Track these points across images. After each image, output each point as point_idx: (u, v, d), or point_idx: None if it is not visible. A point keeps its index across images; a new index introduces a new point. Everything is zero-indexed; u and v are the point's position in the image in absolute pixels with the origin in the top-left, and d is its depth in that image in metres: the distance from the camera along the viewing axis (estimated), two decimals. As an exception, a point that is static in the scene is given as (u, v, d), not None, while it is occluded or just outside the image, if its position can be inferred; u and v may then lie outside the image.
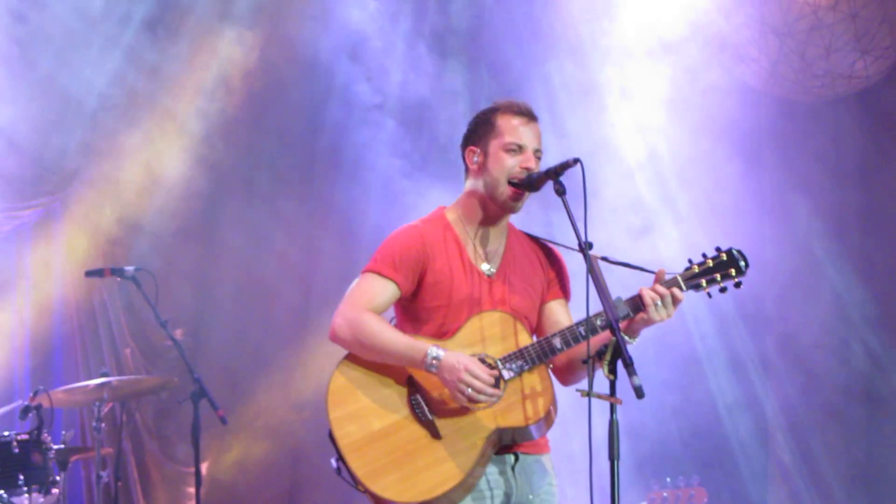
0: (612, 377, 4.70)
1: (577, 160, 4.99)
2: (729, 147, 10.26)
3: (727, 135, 10.26)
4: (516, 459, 5.11)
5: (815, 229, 10.33)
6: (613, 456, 4.63)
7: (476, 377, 4.91)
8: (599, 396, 4.65)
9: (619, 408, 4.69)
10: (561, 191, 4.99)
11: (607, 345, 4.72)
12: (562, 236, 5.34)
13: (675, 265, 5.10)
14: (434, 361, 4.95)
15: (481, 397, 4.91)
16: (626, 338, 4.93)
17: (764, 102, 10.39)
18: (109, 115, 9.96)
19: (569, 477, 8.33)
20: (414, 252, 5.15)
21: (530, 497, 5.13)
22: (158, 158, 10.04)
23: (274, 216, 10.30)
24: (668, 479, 8.95)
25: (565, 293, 5.38)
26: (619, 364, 4.69)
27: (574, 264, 5.34)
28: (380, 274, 5.13)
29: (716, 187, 10.29)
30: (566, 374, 5.25)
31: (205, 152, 10.04)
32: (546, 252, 5.40)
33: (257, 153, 10.29)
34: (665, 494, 8.88)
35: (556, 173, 5.05)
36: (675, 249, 10.01)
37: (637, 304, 4.98)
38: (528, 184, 5.12)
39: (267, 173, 10.37)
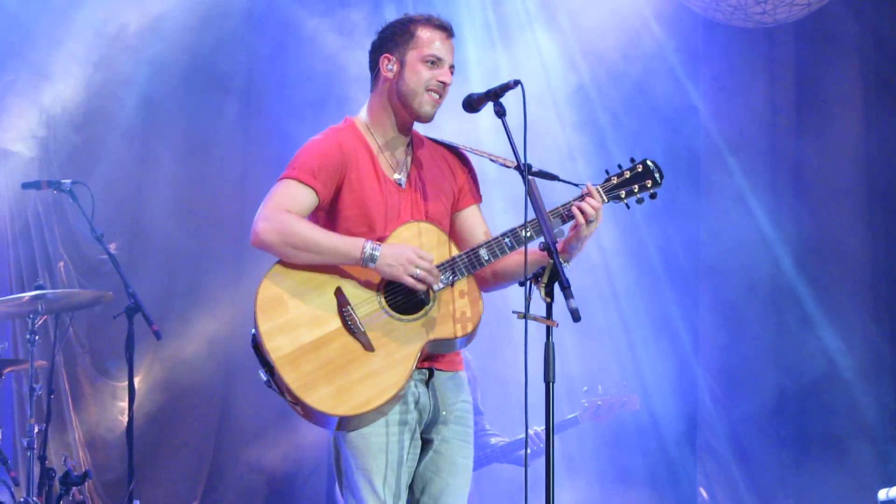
0: (548, 300, 4.72)
1: (517, 82, 5.01)
2: (665, 74, 10.28)
3: (664, 62, 10.27)
4: (430, 375, 5.15)
5: (749, 160, 10.38)
6: (549, 378, 4.66)
7: (423, 258, 4.94)
8: (536, 318, 4.68)
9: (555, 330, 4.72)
10: (501, 112, 5.02)
11: (545, 267, 4.74)
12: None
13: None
14: (373, 253, 4.94)
15: (430, 278, 4.93)
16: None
17: (703, 28, 10.42)
18: (40, 24, 9.82)
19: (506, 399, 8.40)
20: (333, 160, 5.11)
21: (444, 413, 5.18)
22: (93, 66, 9.91)
23: (211, 129, 10.23)
24: (600, 387, 8.98)
25: (476, 197, 5.40)
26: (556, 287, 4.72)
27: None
28: (299, 181, 5.08)
29: (651, 115, 10.32)
30: (487, 283, 5.27)
31: (144, 59, 9.93)
32: (455, 156, 5.41)
33: (195, 62, 10.17)
34: (599, 402, 8.90)
35: (496, 94, 5.07)
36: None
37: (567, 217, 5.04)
38: (467, 104, 5.13)
39: (206, 83, 10.26)
